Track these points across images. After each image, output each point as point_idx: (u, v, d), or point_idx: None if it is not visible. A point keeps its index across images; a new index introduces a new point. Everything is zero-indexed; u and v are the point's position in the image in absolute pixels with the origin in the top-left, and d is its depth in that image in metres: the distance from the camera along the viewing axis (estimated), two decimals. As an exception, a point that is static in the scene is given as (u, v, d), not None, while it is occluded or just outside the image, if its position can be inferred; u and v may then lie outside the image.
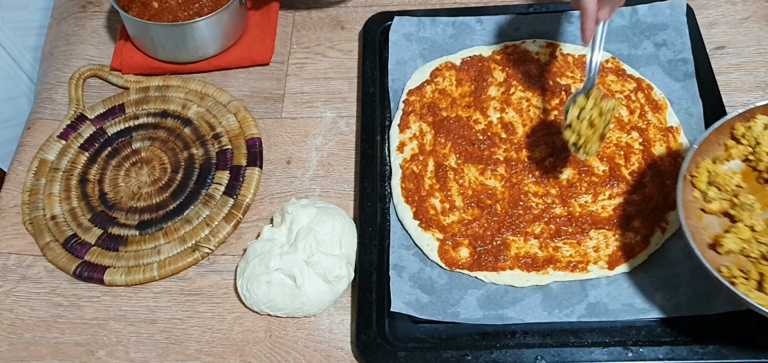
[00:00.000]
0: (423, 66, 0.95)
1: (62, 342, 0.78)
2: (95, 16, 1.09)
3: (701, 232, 0.71)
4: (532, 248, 0.79)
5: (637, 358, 0.70)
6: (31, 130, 0.97)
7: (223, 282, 0.82)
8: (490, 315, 0.75)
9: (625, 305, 0.74)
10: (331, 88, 0.98)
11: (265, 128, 0.94)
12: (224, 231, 0.84)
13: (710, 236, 0.71)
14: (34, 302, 0.81)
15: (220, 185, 0.88)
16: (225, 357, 0.76)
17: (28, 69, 1.15)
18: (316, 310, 0.77)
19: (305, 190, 0.88)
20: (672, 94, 0.90)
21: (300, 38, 1.04)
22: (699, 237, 0.70)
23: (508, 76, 0.93)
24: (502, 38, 0.97)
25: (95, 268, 0.82)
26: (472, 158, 0.86)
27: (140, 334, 0.78)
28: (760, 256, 0.68)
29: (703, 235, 0.71)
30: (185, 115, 0.96)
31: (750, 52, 0.96)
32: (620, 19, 0.97)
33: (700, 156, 0.74)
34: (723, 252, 0.69)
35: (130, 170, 0.91)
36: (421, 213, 0.82)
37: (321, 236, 0.78)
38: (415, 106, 0.91)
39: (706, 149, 0.75)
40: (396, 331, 0.75)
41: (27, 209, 0.88)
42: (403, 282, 0.77)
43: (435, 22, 0.98)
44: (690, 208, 0.72)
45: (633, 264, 0.77)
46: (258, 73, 1.00)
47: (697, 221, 0.72)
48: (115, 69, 1.00)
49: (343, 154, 0.91)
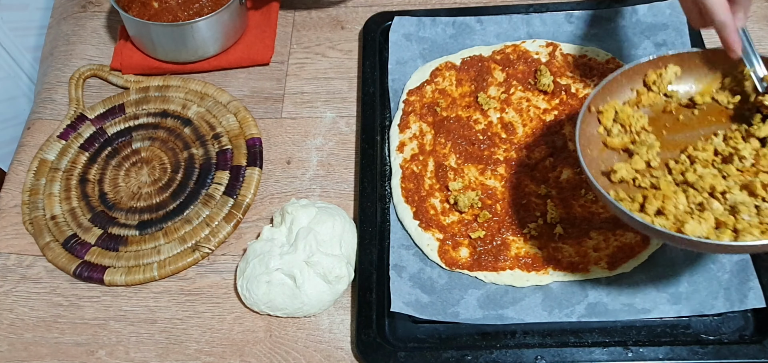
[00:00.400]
0: (423, 66, 0.95)
1: (62, 342, 0.78)
2: (95, 16, 1.09)
3: (598, 163, 0.73)
4: (532, 248, 0.79)
5: (637, 358, 0.70)
6: (31, 130, 0.97)
7: (223, 282, 0.82)
8: (490, 315, 0.75)
9: (625, 305, 0.74)
10: (331, 88, 0.98)
11: (265, 128, 0.94)
12: (224, 231, 0.84)
13: (607, 167, 0.73)
14: (34, 302, 0.81)
15: (220, 185, 0.88)
16: (225, 357, 0.76)
17: (28, 69, 1.15)
18: (316, 310, 0.77)
19: (305, 190, 0.89)
20: (672, 94, 0.90)
21: (300, 38, 1.04)
22: (595, 167, 0.72)
23: (508, 76, 0.93)
24: (502, 38, 0.97)
25: (95, 268, 0.82)
26: (472, 158, 0.86)
27: (140, 334, 0.78)
28: (650, 186, 0.70)
29: (600, 166, 0.73)
30: (185, 115, 0.96)
31: (750, 51, 0.95)
32: (620, 19, 0.97)
33: (609, 95, 0.76)
34: (615, 179, 0.71)
35: (130, 170, 0.91)
36: (421, 213, 0.82)
37: (321, 236, 0.78)
38: (415, 106, 0.91)
39: (615, 90, 0.76)
40: (396, 331, 0.75)
41: (27, 209, 0.88)
42: (403, 282, 0.77)
43: (435, 22, 0.98)
44: (592, 141, 0.74)
45: (633, 264, 0.77)
46: (258, 73, 1.00)
47: (597, 153, 0.74)
48: (115, 69, 1.01)
49: (343, 154, 0.91)
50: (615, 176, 0.71)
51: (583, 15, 0.97)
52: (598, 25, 0.97)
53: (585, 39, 0.96)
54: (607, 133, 0.75)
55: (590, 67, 0.93)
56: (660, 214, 0.67)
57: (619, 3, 0.98)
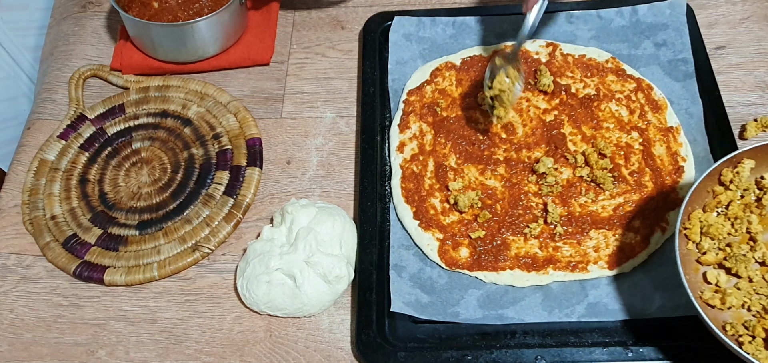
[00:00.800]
0: (423, 66, 0.95)
1: (62, 342, 0.78)
2: (95, 16, 1.09)
3: (699, 287, 0.71)
4: (532, 248, 0.79)
5: (637, 358, 0.70)
6: (31, 130, 0.97)
7: (223, 282, 0.82)
8: (490, 315, 0.75)
9: (625, 305, 0.74)
10: (331, 88, 0.98)
11: (265, 128, 0.94)
12: (224, 231, 0.84)
13: (710, 289, 0.70)
14: (34, 302, 0.81)
15: (220, 185, 0.88)
16: (225, 357, 0.76)
17: (28, 69, 1.15)
18: (316, 310, 0.77)
19: (305, 190, 0.89)
20: (672, 94, 0.90)
21: (300, 38, 1.04)
22: (696, 292, 0.69)
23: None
24: (502, 38, 0.97)
25: (95, 268, 0.82)
26: (472, 158, 0.86)
27: (140, 334, 0.78)
28: (762, 310, 0.68)
29: (701, 289, 0.70)
30: (185, 115, 0.96)
31: (750, 52, 0.96)
32: (620, 19, 0.97)
33: (690, 206, 0.73)
34: (725, 307, 0.69)
35: (130, 170, 0.91)
36: (421, 213, 0.82)
37: (321, 236, 0.78)
38: (415, 106, 0.91)
39: (695, 199, 0.73)
40: (396, 331, 0.75)
41: (27, 209, 0.88)
42: (403, 282, 0.77)
43: (435, 22, 0.98)
44: (686, 262, 0.71)
45: (633, 264, 0.77)
46: (258, 73, 1.00)
47: (694, 275, 0.72)
48: (115, 69, 1.00)
49: (343, 154, 0.91)
50: (724, 305, 0.68)
51: (583, 15, 0.97)
52: (598, 25, 0.97)
53: (585, 39, 0.96)
54: (698, 249, 0.73)
55: (590, 67, 0.93)
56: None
57: (619, 3, 0.98)
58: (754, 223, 0.73)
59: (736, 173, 0.74)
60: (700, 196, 0.74)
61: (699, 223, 0.73)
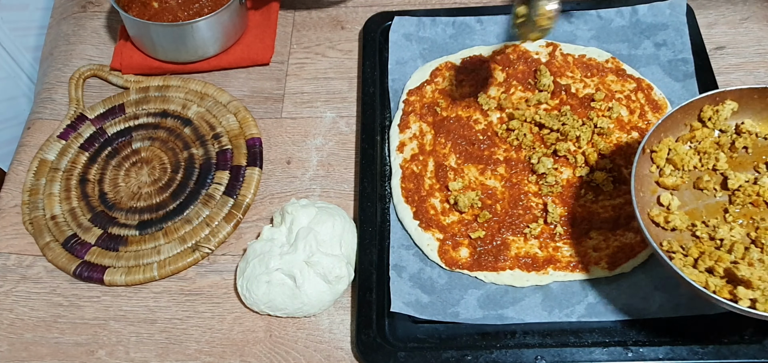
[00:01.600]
0: (423, 66, 0.95)
1: (62, 342, 0.78)
2: (95, 16, 1.09)
3: (650, 206, 0.72)
4: (532, 248, 0.79)
5: (637, 358, 0.70)
6: (31, 130, 0.97)
7: (223, 282, 0.82)
8: (490, 315, 0.75)
9: (625, 305, 0.74)
10: (331, 88, 0.98)
11: (265, 128, 0.94)
12: (224, 231, 0.84)
13: (660, 210, 0.72)
14: (34, 302, 0.81)
15: (220, 185, 0.88)
16: (225, 357, 0.76)
17: (28, 69, 1.15)
18: (316, 310, 0.77)
19: (305, 190, 0.89)
20: (672, 94, 0.90)
21: (300, 38, 1.04)
22: (644, 211, 0.71)
23: (508, 76, 0.93)
24: (502, 38, 0.97)
25: (95, 268, 0.82)
26: (472, 158, 0.86)
27: (140, 334, 0.78)
28: (707, 237, 0.69)
29: (652, 209, 0.72)
30: (185, 115, 0.96)
31: (750, 52, 0.96)
32: (620, 19, 0.97)
33: (663, 132, 0.75)
34: (668, 227, 0.70)
35: (130, 170, 0.91)
36: (421, 213, 0.82)
37: (321, 236, 0.78)
38: (415, 106, 0.91)
39: (670, 126, 0.75)
40: (396, 331, 0.75)
41: (27, 209, 0.88)
42: (403, 282, 0.77)
43: (435, 22, 0.98)
44: (645, 181, 0.73)
45: (633, 264, 0.77)
46: (258, 73, 1.00)
47: (649, 196, 0.73)
48: (115, 69, 1.01)
49: (343, 154, 0.91)
50: (668, 225, 0.70)
51: (583, 15, 0.97)
52: (598, 25, 0.97)
53: (585, 39, 0.96)
54: (660, 173, 0.74)
55: (590, 67, 0.93)
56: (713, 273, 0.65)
57: (619, 3, 0.98)
58: (721, 160, 0.74)
59: (715, 111, 0.75)
60: (678, 128, 0.75)
61: (667, 149, 0.74)
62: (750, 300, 0.62)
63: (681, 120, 0.75)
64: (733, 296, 0.63)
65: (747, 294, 0.62)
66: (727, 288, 0.64)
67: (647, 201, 0.72)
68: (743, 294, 0.62)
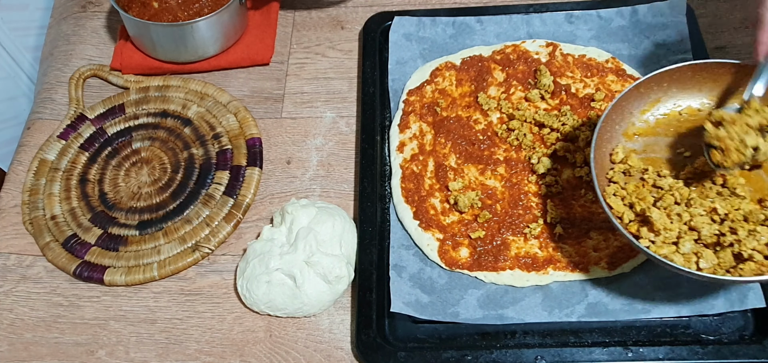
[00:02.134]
0: (423, 66, 0.95)
1: (62, 342, 0.78)
2: (95, 16, 1.09)
3: (608, 165, 0.76)
4: (532, 248, 0.79)
5: (637, 358, 0.70)
6: (31, 130, 0.97)
7: (223, 282, 0.82)
8: (490, 315, 0.75)
9: (625, 305, 0.74)
10: (331, 88, 0.98)
11: (265, 128, 0.94)
12: (224, 231, 0.84)
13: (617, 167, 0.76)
14: (34, 302, 0.81)
15: (220, 185, 0.88)
16: (225, 357, 0.76)
17: (28, 69, 1.15)
18: (316, 310, 0.77)
19: (305, 190, 0.89)
20: (672, 94, 0.90)
21: (300, 38, 1.04)
22: (605, 169, 0.76)
23: (508, 76, 0.93)
24: (502, 38, 0.97)
25: (95, 268, 0.82)
26: (472, 158, 0.86)
27: (140, 334, 0.78)
28: (651, 183, 0.73)
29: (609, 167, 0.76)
30: (185, 115, 0.96)
31: (750, 52, 0.95)
32: (620, 19, 0.97)
33: (626, 102, 0.78)
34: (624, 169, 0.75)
35: (130, 170, 0.91)
36: (421, 213, 0.82)
37: (321, 236, 0.78)
38: (415, 106, 0.91)
39: (632, 99, 0.78)
40: (396, 331, 0.75)
41: (27, 209, 0.88)
42: (403, 282, 0.77)
43: (435, 22, 0.98)
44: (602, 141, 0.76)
45: (633, 264, 0.77)
46: (258, 73, 1.00)
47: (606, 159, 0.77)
48: (115, 69, 1.01)
49: (343, 154, 0.91)
50: (623, 166, 0.75)
51: (583, 15, 0.97)
52: (598, 25, 0.97)
53: (585, 39, 0.96)
54: None
55: (590, 67, 0.93)
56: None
57: (619, 3, 0.97)
58: None
59: None
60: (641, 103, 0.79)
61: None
62: (650, 241, 0.67)
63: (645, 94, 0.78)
64: (637, 234, 0.68)
65: (649, 235, 0.67)
66: (636, 225, 0.69)
67: (604, 160, 0.76)
68: (645, 234, 0.67)
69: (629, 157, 0.76)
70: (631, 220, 0.70)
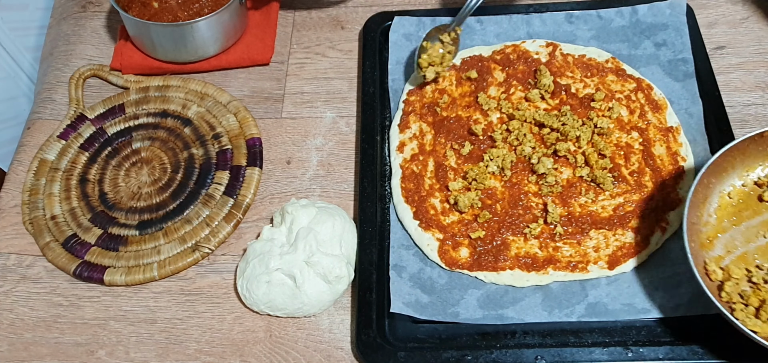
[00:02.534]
0: (423, 66, 0.95)
1: (62, 342, 0.78)
2: (95, 16, 1.09)
3: (703, 256, 0.72)
4: (532, 248, 0.79)
5: (637, 358, 0.70)
6: (31, 130, 0.97)
7: (223, 282, 0.82)
8: (490, 315, 0.75)
9: (625, 305, 0.74)
10: (331, 88, 0.98)
11: (265, 128, 0.94)
12: (224, 231, 0.84)
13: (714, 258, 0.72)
14: (34, 302, 0.81)
15: (220, 185, 0.88)
16: (225, 357, 0.76)
17: (28, 69, 1.15)
18: (316, 310, 0.77)
19: (305, 190, 0.89)
20: (672, 94, 0.90)
21: (300, 38, 1.04)
22: (699, 259, 0.71)
23: (508, 76, 0.93)
24: (502, 38, 0.97)
25: (95, 268, 0.82)
26: (473, 158, 0.86)
27: (140, 334, 0.78)
28: (762, 281, 0.69)
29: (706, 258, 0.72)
30: (185, 115, 0.96)
31: (750, 52, 0.96)
32: (620, 19, 0.97)
33: (712, 178, 0.75)
34: (724, 278, 0.70)
35: (130, 170, 0.91)
36: (421, 213, 0.82)
37: (321, 236, 0.78)
38: (415, 106, 0.91)
39: (714, 172, 0.74)
40: (396, 331, 0.75)
41: (27, 209, 0.88)
42: (403, 282, 0.77)
43: (435, 22, 0.98)
44: (693, 232, 0.72)
45: (633, 264, 0.77)
46: (258, 73, 1.00)
47: (699, 248, 0.73)
48: (115, 69, 1.01)
49: (343, 154, 0.91)
50: (724, 275, 0.70)
51: (583, 15, 0.97)
52: (598, 25, 0.97)
53: (585, 39, 0.96)
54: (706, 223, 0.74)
55: (590, 67, 0.93)
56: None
57: (619, 3, 0.98)
58: None
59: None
60: (724, 175, 0.76)
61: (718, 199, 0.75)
62: None
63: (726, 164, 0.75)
64: None
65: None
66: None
67: (697, 252, 0.72)
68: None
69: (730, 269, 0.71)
70: None
